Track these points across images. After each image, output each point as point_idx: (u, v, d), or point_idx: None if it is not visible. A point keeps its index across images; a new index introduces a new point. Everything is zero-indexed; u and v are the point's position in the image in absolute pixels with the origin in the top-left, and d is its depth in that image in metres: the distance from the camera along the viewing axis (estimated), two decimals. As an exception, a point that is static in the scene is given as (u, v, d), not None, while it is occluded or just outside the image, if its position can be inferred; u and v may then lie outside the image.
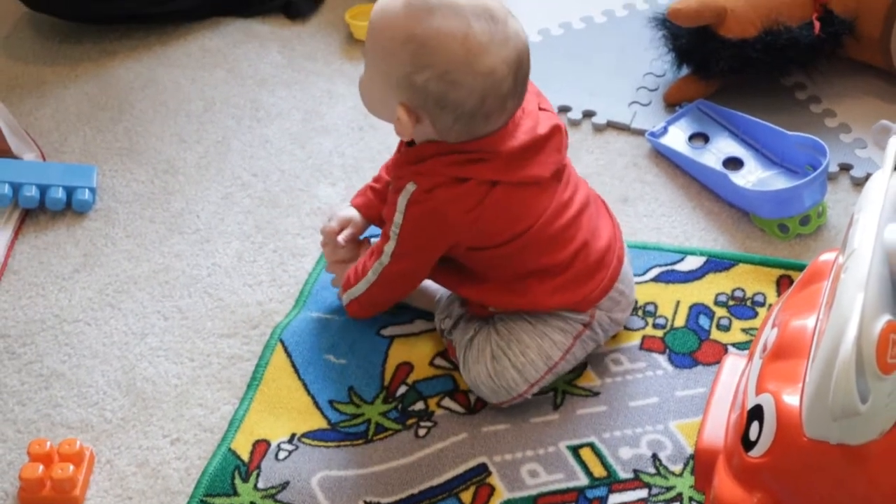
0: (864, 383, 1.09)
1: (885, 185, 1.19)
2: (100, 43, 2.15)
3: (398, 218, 1.40)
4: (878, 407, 1.12)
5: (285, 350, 1.56)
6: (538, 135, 1.41)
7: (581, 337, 1.49)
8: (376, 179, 1.61)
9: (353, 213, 1.60)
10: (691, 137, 1.86)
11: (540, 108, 1.45)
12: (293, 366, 1.55)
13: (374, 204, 1.59)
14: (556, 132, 1.43)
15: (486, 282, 1.47)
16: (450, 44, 1.31)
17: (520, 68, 1.35)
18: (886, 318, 1.11)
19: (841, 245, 1.24)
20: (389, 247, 1.44)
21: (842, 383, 1.07)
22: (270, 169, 1.87)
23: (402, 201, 1.39)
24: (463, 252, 1.44)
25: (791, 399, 1.19)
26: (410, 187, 1.38)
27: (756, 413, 1.22)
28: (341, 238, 1.58)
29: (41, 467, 1.40)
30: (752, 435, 1.22)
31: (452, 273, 1.49)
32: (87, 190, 1.79)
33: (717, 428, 1.34)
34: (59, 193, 1.78)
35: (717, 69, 1.89)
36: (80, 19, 2.15)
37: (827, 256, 1.35)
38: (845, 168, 1.82)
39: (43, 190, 1.78)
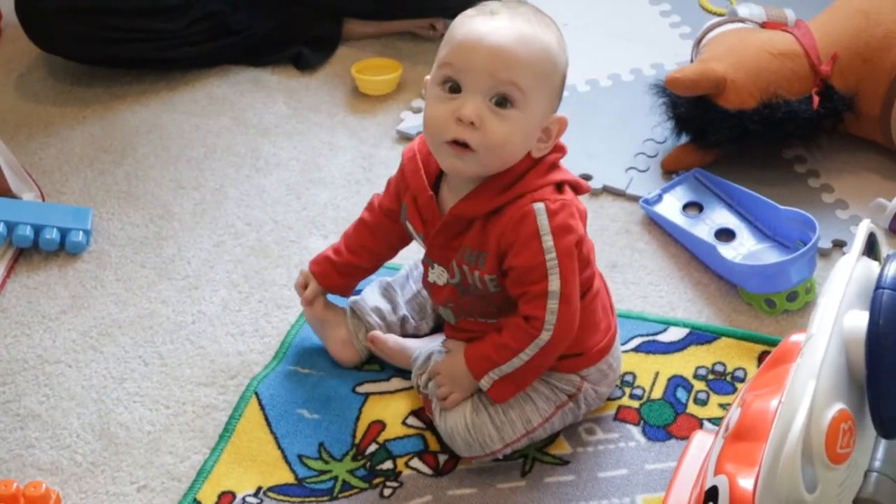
0: (812, 472, 1.08)
1: (850, 270, 1.18)
2: (110, 87, 2.19)
3: (548, 241, 1.34)
4: (829, 497, 1.11)
5: (259, 403, 1.57)
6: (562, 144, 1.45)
7: (563, 408, 1.49)
8: (336, 251, 1.59)
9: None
10: (686, 206, 1.86)
11: None
12: (266, 419, 1.55)
13: (332, 276, 1.59)
14: None
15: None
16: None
17: None
18: (838, 406, 1.10)
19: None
20: (554, 283, 1.35)
21: (787, 472, 1.06)
22: (264, 219, 1.89)
23: (542, 222, 1.34)
24: None
25: (745, 482, 1.17)
26: (539, 206, 1.35)
27: (712, 494, 1.21)
28: (306, 295, 1.60)
29: (5, 508, 1.41)
30: (707, 516, 1.21)
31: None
32: (81, 232, 1.82)
33: (679, 505, 1.33)
34: (54, 234, 1.80)
35: (714, 139, 1.89)
36: (92, 62, 2.18)
37: (798, 337, 1.33)
38: (839, 245, 1.81)
39: (37, 230, 1.80)
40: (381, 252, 1.60)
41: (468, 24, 1.34)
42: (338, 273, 1.59)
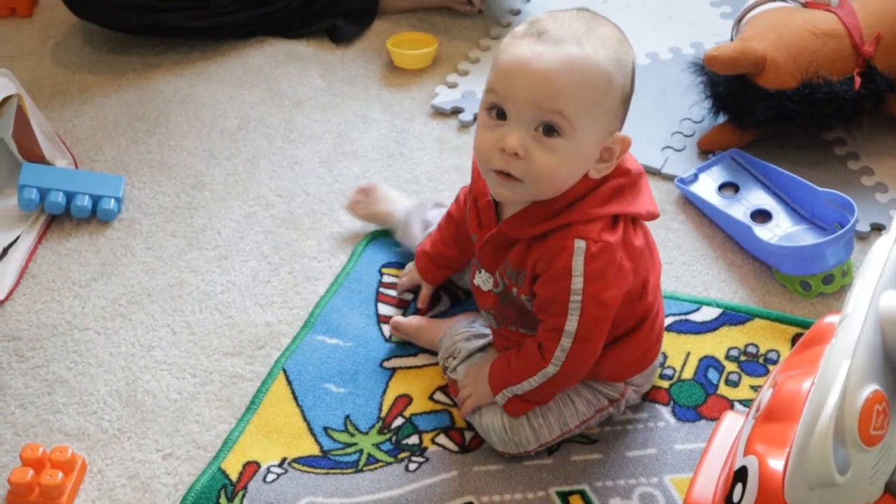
0: (843, 454, 1.06)
1: (888, 250, 1.16)
2: (145, 55, 2.18)
3: (577, 283, 1.28)
4: (861, 479, 1.09)
5: (286, 378, 1.56)
6: (637, 167, 1.38)
7: (600, 413, 1.47)
8: (432, 243, 1.60)
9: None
10: (721, 187, 1.83)
11: None
12: (293, 392, 1.54)
13: (430, 268, 1.62)
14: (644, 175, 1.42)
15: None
16: (625, 39, 1.30)
17: None
18: (873, 387, 1.08)
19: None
20: (571, 323, 1.31)
21: (818, 453, 1.03)
22: (296, 190, 1.88)
23: (577, 263, 1.27)
24: None
25: (776, 463, 1.15)
26: (580, 244, 1.27)
27: (741, 474, 1.19)
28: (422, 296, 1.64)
29: (31, 472, 1.41)
30: (736, 497, 1.19)
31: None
32: (112, 199, 1.81)
33: (707, 486, 1.31)
34: (85, 201, 1.80)
35: (752, 119, 1.86)
36: (128, 31, 2.18)
37: (832, 318, 1.31)
38: (877, 228, 1.78)
39: (69, 197, 1.80)
40: (468, 245, 1.53)
41: (513, 49, 1.26)
42: (434, 265, 1.60)
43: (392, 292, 1.67)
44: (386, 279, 1.70)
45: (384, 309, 1.66)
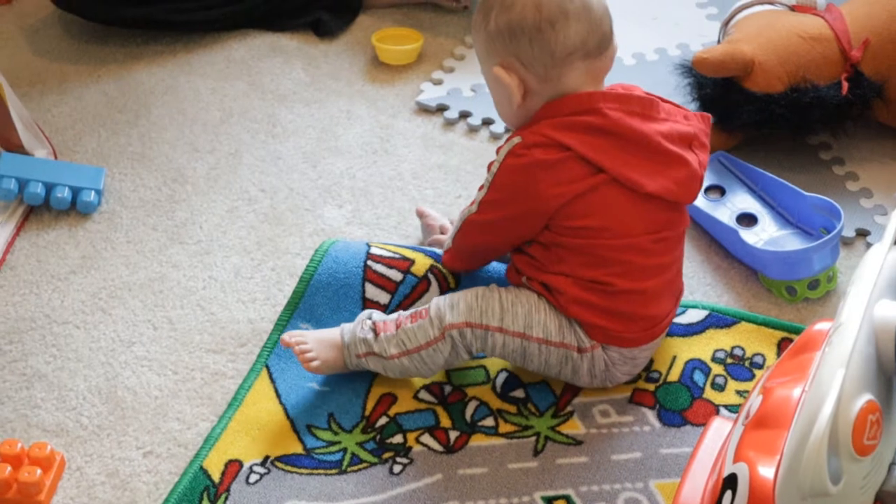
0: (837, 463, 1.06)
1: (882, 259, 1.15)
2: (125, 46, 2.16)
3: (495, 166, 1.45)
4: (852, 489, 1.09)
5: (270, 376, 1.54)
6: (670, 149, 1.43)
7: (566, 350, 1.47)
8: None
9: None
10: (707, 189, 1.83)
11: (693, 148, 1.47)
12: (275, 390, 1.52)
13: None
14: (685, 165, 1.44)
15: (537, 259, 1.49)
16: None
17: None
18: (867, 397, 1.07)
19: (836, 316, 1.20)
20: (480, 194, 1.48)
21: (812, 462, 1.03)
22: (279, 186, 1.86)
23: (503, 152, 1.44)
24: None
25: (766, 470, 1.15)
26: (515, 139, 1.42)
27: (731, 481, 1.18)
28: None
29: (9, 468, 1.38)
30: (725, 504, 1.18)
31: None
32: (92, 192, 1.79)
33: (695, 492, 1.31)
34: (65, 193, 1.77)
35: (739, 122, 1.85)
36: (106, 22, 2.14)
37: (822, 325, 1.31)
38: (862, 234, 1.78)
39: (49, 188, 1.78)
40: None
41: None
42: None
43: (380, 268, 1.64)
44: (374, 251, 1.64)
45: (371, 291, 1.61)
